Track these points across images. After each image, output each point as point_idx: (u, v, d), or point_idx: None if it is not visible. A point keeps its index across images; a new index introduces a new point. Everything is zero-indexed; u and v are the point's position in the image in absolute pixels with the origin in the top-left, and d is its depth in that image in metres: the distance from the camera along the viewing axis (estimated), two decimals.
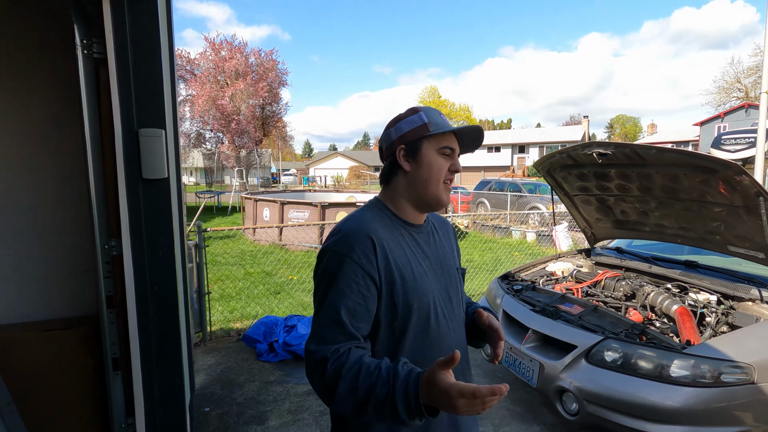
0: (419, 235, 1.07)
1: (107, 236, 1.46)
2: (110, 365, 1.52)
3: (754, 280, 2.55)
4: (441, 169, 1.01)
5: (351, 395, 0.83)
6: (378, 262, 0.93)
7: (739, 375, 1.93)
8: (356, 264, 0.92)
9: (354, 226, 0.97)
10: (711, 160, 2.18)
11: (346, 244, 0.94)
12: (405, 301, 0.96)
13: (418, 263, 1.01)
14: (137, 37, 1.37)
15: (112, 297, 1.50)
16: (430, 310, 0.99)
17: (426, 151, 1.01)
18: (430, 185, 1.01)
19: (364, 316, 0.92)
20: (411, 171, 1.02)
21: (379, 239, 0.95)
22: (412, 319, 0.96)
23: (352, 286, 0.91)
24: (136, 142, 1.40)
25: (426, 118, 1.02)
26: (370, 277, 0.92)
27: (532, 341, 2.54)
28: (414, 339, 0.97)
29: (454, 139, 1.04)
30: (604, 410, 2.10)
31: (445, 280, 1.06)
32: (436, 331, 1.00)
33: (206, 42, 20.27)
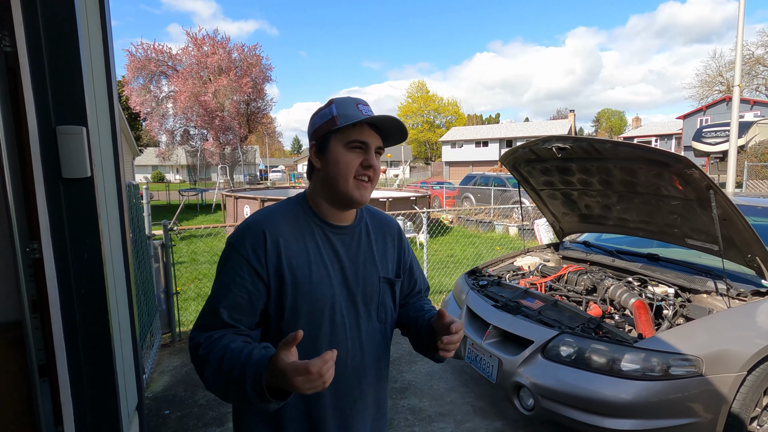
0: (339, 236, 1.01)
1: (28, 239, 1.40)
2: (36, 372, 1.47)
3: (712, 272, 2.57)
4: (348, 165, 0.94)
5: (216, 378, 0.84)
6: (267, 259, 0.91)
7: (688, 368, 1.94)
8: (242, 258, 0.90)
9: (253, 219, 0.96)
10: (662, 153, 2.18)
11: (239, 237, 0.93)
12: (293, 303, 0.92)
13: (321, 266, 0.96)
14: (52, 28, 1.31)
15: (37, 301, 1.44)
16: (323, 317, 0.95)
17: (333, 147, 0.95)
18: (338, 183, 0.95)
19: (247, 311, 0.91)
20: (321, 168, 0.97)
21: (275, 235, 0.92)
22: (299, 323, 0.93)
23: (236, 279, 0.90)
24: (53, 140, 1.34)
25: (335, 111, 0.95)
26: (256, 273, 0.90)
27: (492, 337, 2.53)
28: (304, 342, 0.91)
29: (370, 132, 0.96)
30: (559, 405, 2.10)
31: (356, 287, 1.00)
32: (329, 338, 0.96)
33: (188, 37, 19.94)
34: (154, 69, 19.59)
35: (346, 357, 0.98)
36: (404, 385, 3.06)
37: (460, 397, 2.89)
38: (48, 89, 1.32)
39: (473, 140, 43.40)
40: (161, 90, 20.54)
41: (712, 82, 33.41)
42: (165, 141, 21.79)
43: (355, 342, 1.00)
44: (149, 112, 20.07)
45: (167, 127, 20.98)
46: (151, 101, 19.96)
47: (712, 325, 2.10)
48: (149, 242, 3.62)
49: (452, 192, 15.89)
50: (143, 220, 3.72)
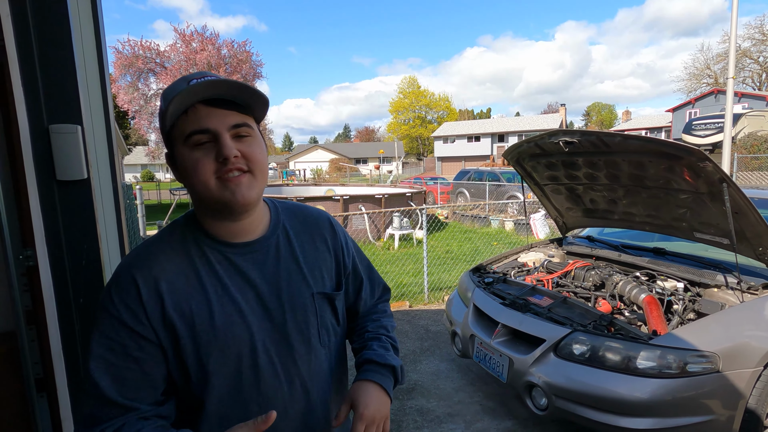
0: (245, 256, 0.78)
1: (21, 245, 1.31)
2: (33, 386, 1.38)
3: (720, 266, 2.54)
4: (197, 165, 0.70)
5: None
6: (147, 313, 0.70)
7: (705, 364, 1.91)
8: (114, 318, 0.69)
9: (121, 265, 0.74)
10: (674, 146, 2.14)
11: (107, 293, 0.72)
12: (196, 359, 0.72)
13: (228, 301, 0.74)
14: (42, 18, 1.22)
15: (32, 312, 1.36)
16: (242, 364, 0.74)
17: (177, 151, 0.72)
18: (200, 192, 0.72)
19: (142, 384, 0.70)
20: (180, 180, 0.76)
21: (152, 279, 0.71)
22: (211, 380, 0.73)
23: (115, 348, 0.69)
24: (47, 140, 1.25)
25: (163, 103, 0.71)
26: (138, 335, 0.70)
27: (501, 335, 2.48)
28: (220, 403, 0.74)
29: (211, 112, 0.70)
30: (573, 405, 2.06)
31: (282, 315, 0.78)
32: (255, 389, 0.76)
33: (176, 34, 19.59)
34: (142, 66, 19.23)
35: (285, 406, 0.77)
36: (410, 385, 3.01)
37: (467, 397, 2.85)
38: (39, 85, 1.23)
39: (465, 135, 43.43)
40: (149, 87, 20.17)
41: (700, 75, 33.76)
42: (154, 139, 21.44)
43: (294, 383, 0.79)
44: (137, 110, 19.72)
45: (156, 125, 20.63)
46: (140, 99, 19.61)
47: (726, 320, 2.07)
48: None
49: (446, 188, 15.87)
50: (137, 221, 3.61)
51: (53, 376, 1.34)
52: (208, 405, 0.74)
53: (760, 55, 31.48)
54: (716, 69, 32.55)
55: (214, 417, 0.74)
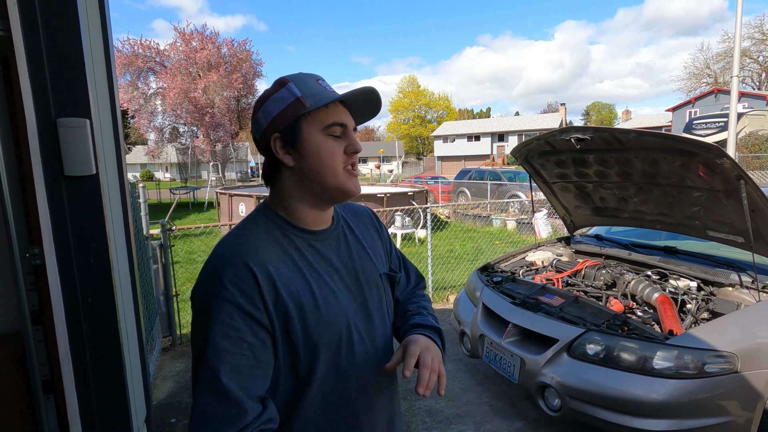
0: (324, 242, 0.83)
1: (27, 243, 1.27)
2: (40, 388, 1.34)
3: (733, 264, 2.51)
4: (334, 154, 0.77)
5: None
6: (264, 298, 0.71)
7: (723, 364, 1.88)
8: (232, 305, 0.70)
9: (225, 253, 0.74)
10: (691, 142, 2.10)
11: (217, 280, 0.71)
12: (306, 338, 0.75)
13: (323, 283, 0.79)
14: (49, 10, 1.17)
15: (39, 312, 1.32)
16: (341, 341, 0.79)
17: (309, 136, 0.76)
18: (327, 177, 0.77)
19: (256, 371, 0.72)
20: (296, 165, 0.78)
21: (262, 264, 0.73)
22: (319, 358, 0.77)
23: (230, 335, 0.69)
24: (54, 134, 1.21)
25: (299, 91, 0.76)
26: (254, 320, 0.71)
27: (512, 335, 2.45)
28: (324, 378, 0.78)
29: (344, 111, 0.79)
30: (588, 406, 2.03)
31: (362, 294, 0.85)
32: (350, 361, 0.81)
33: (176, 32, 19.51)
34: (142, 65, 19.16)
35: (374, 378, 0.84)
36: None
37: (476, 397, 2.81)
38: (47, 78, 1.18)
39: (465, 135, 43.40)
40: (149, 86, 20.10)
41: (700, 75, 33.74)
42: (154, 138, 21.37)
43: (377, 356, 0.85)
44: (137, 109, 19.65)
45: (156, 124, 20.56)
46: (139, 98, 19.54)
47: (744, 319, 2.04)
48: (147, 243, 3.48)
49: (447, 187, 15.85)
50: (140, 219, 3.57)
51: (60, 377, 1.30)
52: (314, 382, 0.77)
53: (759, 55, 31.48)
54: (716, 68, 32.54)
55: (318, 394, 0.78)
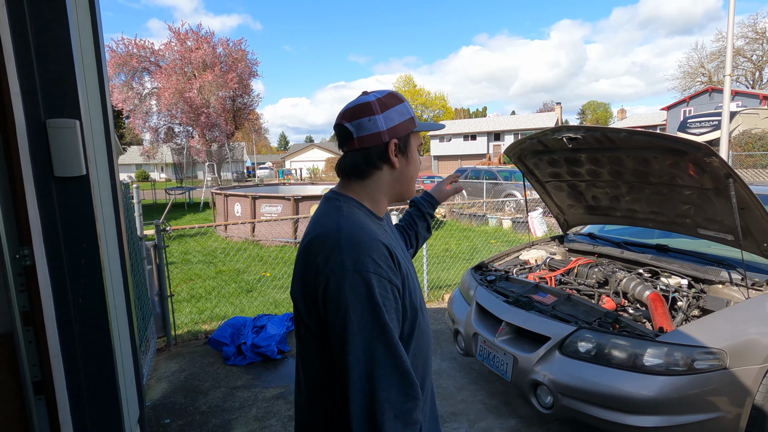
0: (387, 227, 1.01)
1: (18, 244, 1.27)
2: (30, 389, 1.34)
3: (723, 262, 2.53)
4: (418, 164, 1.00)
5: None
6: (400, 269, 0.86)
7: (712, 361, 1.90)
8: (385, 280, 0.80)
9: (360, 234, 0.82)
10: (681, 141, 2.12)
11: (368, 259, 0.78)
12: (411, 302, 0.89)
13: (407, 260, 0.96)
14: (38, 9, 1.17)
15: (30, 313, 1.32)
16: (422, 305, 0.95)
17: (412, 148, 0.97)
18: (411, 182, 0.99)
19: (398, 330, 0.84)
20: (400, 167, 0.95)
21: (388, 243, 0.86)
22: (417, 320, 0.91)
23: (387, 305, 0.79)
24: (44, 135, 1.21)
25: (411, 112, 0.98)
26: (398, 290, 0.83)
27: (505, 333, 2.46)
28: (416, 335, 0.91)
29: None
30: (579, 403, 2.04)
31: (412, 270, 1.00)
32: (424, 320, 0.95)
33: (171, 32, 19.41)
34: (136, 65, 19.07)
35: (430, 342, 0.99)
36: None
37: (470, 395, 2.82)
38: (36, 77, 1.18)
39: (461, 134, 43.46)
40: (144, 86, 20.00)
41: (694, 74, 33.94)
42: (149, 139, 21.27)
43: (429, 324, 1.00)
44: (132, 109, 19.55)
45: (151, 124, 20.47)
46: (134, 98, 19.44)
47: (733, 316, 2.06)
48: (141, 243, 3.47)
49: None
50: (134, 220, 3.56)
51: (51, 378, 1.29)
52: (411, 340, 0.89)
53: (753, 54, 31.71)
54: (710, 67, 32.75)
55: (412, 350, 0.90)
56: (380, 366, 0.75)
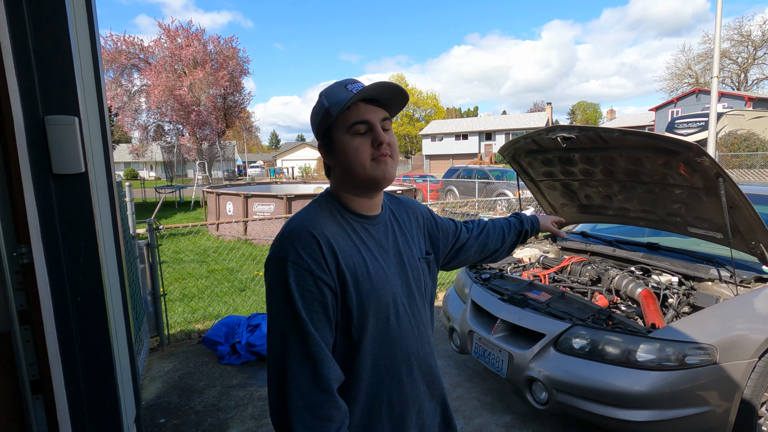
0: (375, 227, 0.97)
1: (15, 242, 1.26)
2: (28, 388, 1.33)
3: (713, 260, 2.59)
4: (358, 150, 0.88)
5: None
6: (327, 264, 0.83)
7: (703, 356, 1.94)
8: (303, 270, 0.81)
9: (295, 226, 0.86)
10: (672, 141, 2.16)
11: (287, 249, 0.82)
12: (359, 304, 0.87)
13: (374, 259, 0.92)
14: (37, 6, 1.16)
15: (27, 311, 1.30)
16: (389, 311, 0.91)
17: (337, 139, 0.90)
18: (356, 170, 0.89)
19: (325, 323, 0.84)
20: (334, 164, 0.94)
21: (324, 236, 0.85)
22: (368, 324, 0.88)
23: (305, 295, 0.81)
24: (42, 131, 1.20)
25: (326, 102, 0.90)
26: (323, 282, 0.82)
27: (501, 331, 2.49)
28: (373, 343, 0.89)
29: (368, 108, 0.89)
30: (574, 398, 2.08)
31: (405, 274, 0.98)
32: (397, 331, 0.93)
33: (161, 29, 19.18)
34: (125, 62, 18.81)
35: (416, 346, 0.96)
36: None
37: (466, 393, 2.85)
38: (34, 74, 1.17)
39: (453, 133, 43.63)
40: (133, 84, 19.75)
41: (681, 75, 34.47)
42: (138, 137, 21.00)
43: (419, 327, 0.98)
44: (121, 106, 19.29)
45: (140, 122, 20.22)
46: (123, 95, 19.18)
47: (722, 312, 2.11)
48: (134, 242, 3.44)
49: (435, 185, 15.92)
50: (127, 219, 3.52)
51: (50, 377, 1.29)
52: (365, 345, 0.88)
53: (738, 56, 32.29)
54: (697, 69, 33.28)
55: (369, 356, 0.88)
56: (291, 352, 0.79)
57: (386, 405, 0.92)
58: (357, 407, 0.89)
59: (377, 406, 0.90)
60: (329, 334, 0.84)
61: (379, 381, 0.90)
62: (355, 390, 0.88)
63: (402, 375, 0.93)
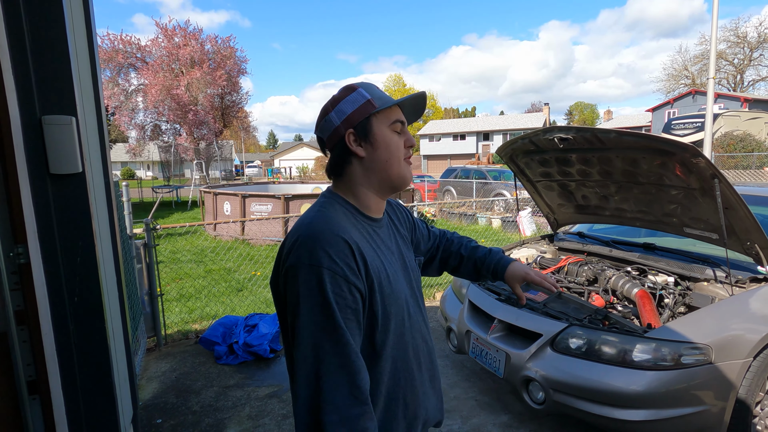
0: (382, 230, 0.98)
1: (12, 242, 1.25)
2: (25, 389, 1.32)
3: (708, 260, 2.60)
4: (398, 146, 0.92)
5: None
6: (359, 269, 0.81)
7: (698, 356, 1.95)
8: (338, 276, 0.77)
9: (321, 229, 0.81)
10: (668, 142, 2.18)
11: (319, 253, 0.77)
12: (384, 309, 0.86)
13: (390, 263, 0.92)
14: (34, 5, 1.16)
15: (24, 312, 1.30)
16: (404, 313, 0.92)
17: (378, 130, 0.91)
18: (392, 166, 0.92)
19: (357, 330, 0.81)
20: (367, 155, 0.91)
21: (354, 241, 0.83)
22: (391, 327, 0.88)
23: (339, 301, 0.77)
24: (39, 131, 1.19)
25: (368, 94, 0.92)
26: (356, 288, 0.80)
27: (498, 331, 2.49)
28: (393, 346, 0.90)
29: (401, 112, 0.96)
30: (570, 398, 2.09)
31: (409, 274, 1.00)
32: (410, 333, 0.94)
33: (158, 28, 19.12)
34: (122, 61, 18.73)
35: (424, 344, 0.99)
36: None
37: (463, 392, 2.86)
38: (31, 73, 1.17)
39: (451, 134, 43.67)
40: (130, 83, 19.67)
41: (678, 76, 34.61)
42: (135, 136, 20.92)
43: (422, 326, 1.00)
44: (117, 106, 19.22)
45: (137, 121, 20.13)
46: (120, 95, 19.11)
47: (718, 312, 2.12)
48: (131, 242, 3.43)
49: (433, 185, 15.92)
50: (124, 219, 3.51)
51: (46, 378, 1.28)
52: (387, 347, 0.87)
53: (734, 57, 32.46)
54: (693, 70, 33.44)
55: (389, 359, 0.88)
56: (327, 365, 0.74)
57: (401, 404, 0.91)
58: (376, 410, 0.88)
59: (394, 406, 0.90)
60: (359, 342, 0.82)
61: (396, 382, 0.90)
62: (376, 393, 0.87)
63: (414, 373, 0.94)
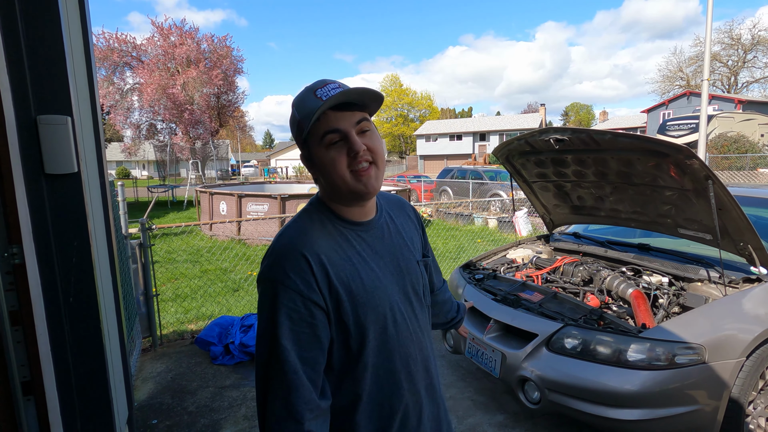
0: (369, 233, 0.94)
1: (6, 242, 1.25)
2: (19, 390, 1.32)
3: (702, 260, 2.62)
4: (334, 162, 0.84)
5: None
6: (318, 283, 0.81)
7: (692, 356, 1.97)
8: (292, 290, 0.80)
9: (284, 244, 0.85)
10: (662, 144, 2.19)
11: (277, 269, 0.82)
12: (356, 319, 0.85)
13: (369, 269, 0.89)
14: (29, 3, 1.15)
15: (18, 312, 1.29)
16: (386, 320, 0.90)
17: (315, 152, 0.86)
18: (336, 183, 0.86)
19: (314, 344, 0.82)
20: (317, 176, 0.92)
21: (315, 254, 0.83)
22: (368, 335, 0.87)
23: (293, 316, 0.80)
24: (34, 131, 1.19)
25: (297, 114, 0.85)
26: (312, 302, 0.81)
27: (494, 331, 2.50)
28: (374, 352, 0.89)
29: (340, 115, 0.84)
30: (566, 398, 2.10)
31: (402, 279, 0.96)
32: (396, 339, 0.91)
33: (154, 26, 19.03)
34: (118, 60, 18.63)
35: (415, 353, 0.95)
36: None
37: (459, 392, 2.86)
38: (26, 72, 1.16)
39: (447, 134, 43.74)
40: (125, 82, 19.57)
41: (673, 78, 34.87)
42: (130, 135, 20.81)
43: (417, 334, 0.97)
44: (113, 105, 19.11)
45: (133, 120, 20.03)
46: (115, 94, 19.00)
47: (711, 312, 2.14)
48: (126, 242, 3.41)
49: (430, 186, 15.94)
50: (119, 218, 3.50)
51: (41, 378, 1.27)
52: (365, 357, 0.87)
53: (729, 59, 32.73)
54: (688, 71, 33.68)
55: (370, 366, 0.88)
56: (272, 373, 0.79)
57: (387, 412, 0.91)
58: (361, 417, 0.89)
59: (381, 414, 0.90)
60: (320, 353, 0.83)
61: (380, 390, 0.90)
62: (358, 400, 0.88)
63: (402, 382, 0.93)
